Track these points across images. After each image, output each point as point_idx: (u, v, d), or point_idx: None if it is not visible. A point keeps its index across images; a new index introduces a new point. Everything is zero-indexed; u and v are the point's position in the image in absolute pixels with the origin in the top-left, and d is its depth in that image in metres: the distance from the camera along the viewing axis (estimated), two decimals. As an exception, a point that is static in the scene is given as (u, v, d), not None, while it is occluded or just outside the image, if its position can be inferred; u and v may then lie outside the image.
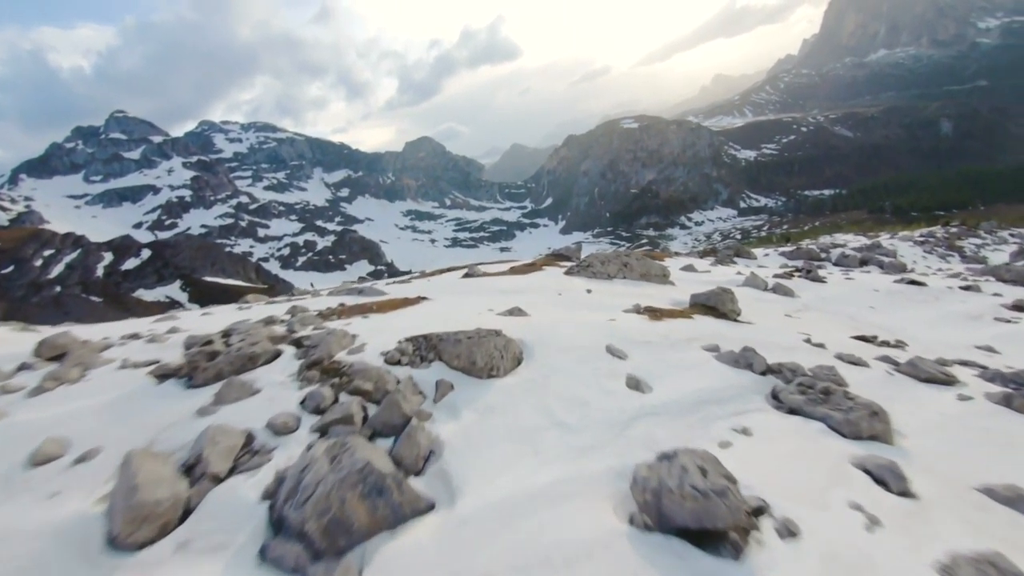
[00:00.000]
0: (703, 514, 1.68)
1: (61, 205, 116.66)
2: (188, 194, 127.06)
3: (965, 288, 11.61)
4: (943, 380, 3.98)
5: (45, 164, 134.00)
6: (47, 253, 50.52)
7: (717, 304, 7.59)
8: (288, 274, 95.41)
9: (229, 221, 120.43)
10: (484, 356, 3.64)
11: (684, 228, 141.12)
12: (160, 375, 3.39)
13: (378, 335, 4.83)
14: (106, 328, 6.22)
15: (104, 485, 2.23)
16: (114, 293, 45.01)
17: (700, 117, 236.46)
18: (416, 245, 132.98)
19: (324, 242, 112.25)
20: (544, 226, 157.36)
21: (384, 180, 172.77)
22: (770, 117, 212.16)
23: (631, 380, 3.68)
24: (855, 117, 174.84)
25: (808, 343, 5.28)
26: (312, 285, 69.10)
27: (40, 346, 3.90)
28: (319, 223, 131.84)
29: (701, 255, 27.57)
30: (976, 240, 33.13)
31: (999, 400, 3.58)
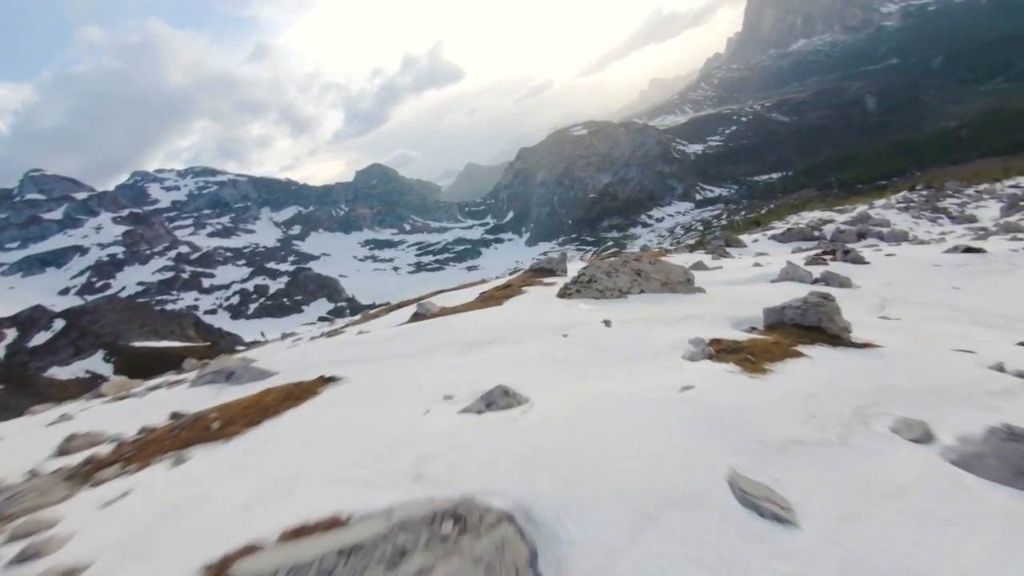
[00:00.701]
0: None
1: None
2: (120, 251, 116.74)
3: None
4: None
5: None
6: (-63, 339, 42.77)
7: (820, 321, 4.88)
8: (239, 324, 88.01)
9: (169, 275, 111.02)
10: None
11: (646, 226, 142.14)
12: None
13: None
14: None
15: None
16: (19, 375, 38.12)
17: (644, 119, 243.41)
18: (378, 275, 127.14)
19: (277, 285, 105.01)
20: (509, 240, 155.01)
21: (337, 212, 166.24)
22: (710, 112, 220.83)
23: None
24: (788, 103, 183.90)
25: (1001, 371, 3.24)
26: (263, 335, 62.77)
27: None
28: (270, 265, 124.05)
29: (691, 249, 24.88)
30: (954, 200, 32.42)
31: None
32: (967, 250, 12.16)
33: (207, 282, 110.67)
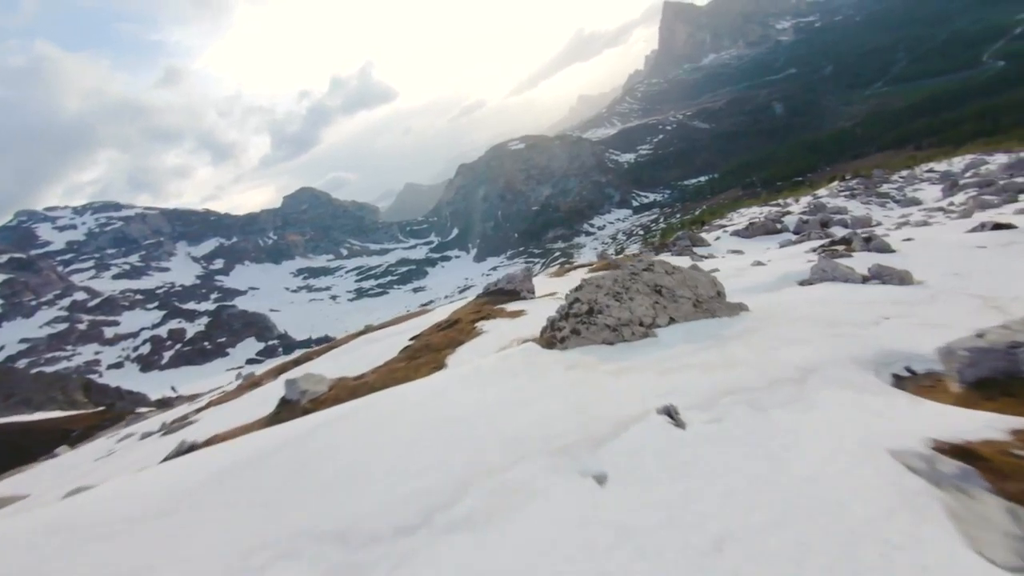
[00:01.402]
0: None
1: None
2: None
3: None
4: None
5: None
6: None
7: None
8: (150, 378, 76.73)
9: (61, 327, 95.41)
10: None
11: (589, 234, 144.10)
12: None
13: None
14: None
15: None
16: None
17: (576, 132, 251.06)
18: (314, 306, 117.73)
19: (195, 327, 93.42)
20: (456, 257, 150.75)
21: (264, 242, 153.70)
22: (637, 123, 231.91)
23: None
24: (706, 111, 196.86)
25: None
26: (173, 389, 53.88)
27: None
28: (188, 305, 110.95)
29: (655, 250, 22.68)
30: (890, 185, 33.25)
31: None
32: (996, 227, 10.37)
33: (110, 331, 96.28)
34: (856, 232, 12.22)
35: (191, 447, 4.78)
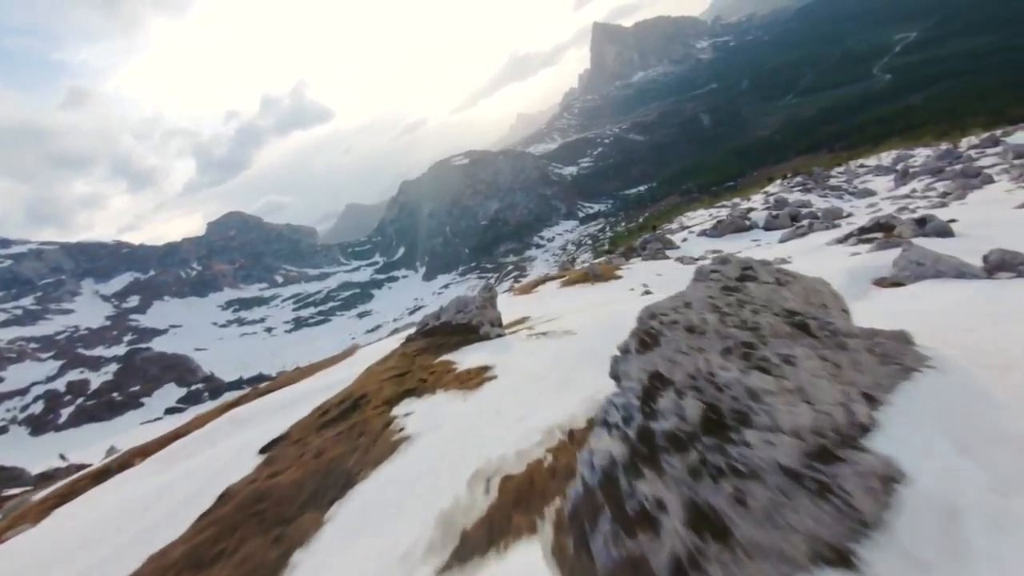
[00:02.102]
0: None
1: None
2: None
3: None
4: None
5: None
6: None
7: None
8: (40, 443, 64.99)
9: (-77, 390, 79.31)
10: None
11: (540, 247, 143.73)
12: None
13: None
14: None
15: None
16: None
17: (519, 147, 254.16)
18: (247, 341, 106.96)
19: (102, 376, 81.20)
20: (404, 277, 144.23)
21: (187, 273, 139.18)
22: (576, 137, 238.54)
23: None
24: (640, 124, 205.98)
25: None
26: (63, 458, 44.88)
27: None
28: (94, 351, 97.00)
29: (624, 256, 20.42)
30: (835, 180, 33.65)
31: None
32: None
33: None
34: (897, 216, 10.19)
35: None
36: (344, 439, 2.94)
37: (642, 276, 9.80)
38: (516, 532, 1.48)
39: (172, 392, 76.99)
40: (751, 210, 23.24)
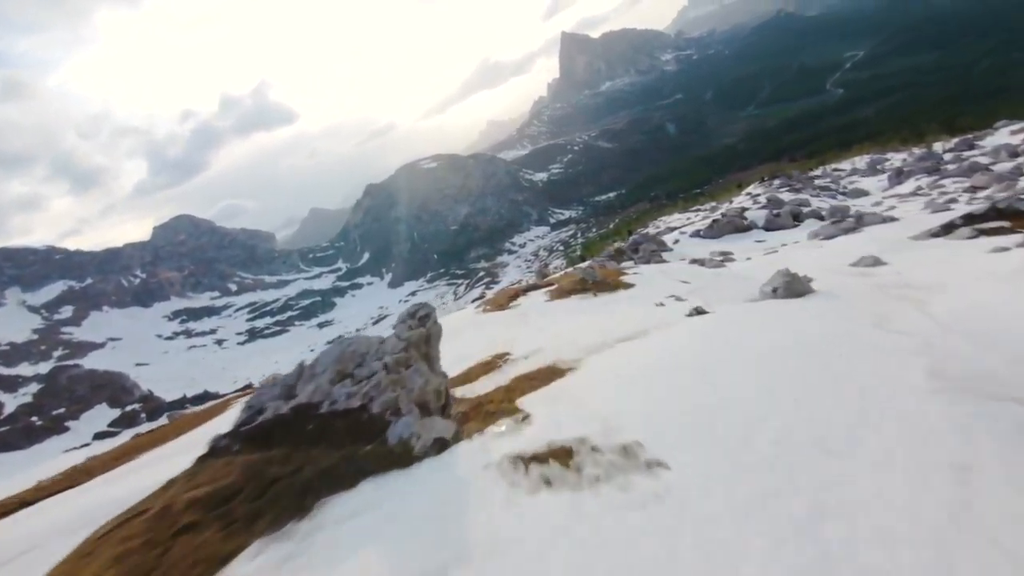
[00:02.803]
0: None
1: None
2: None
3: None
4: None
5: None
6: None
7: None
8: (-68, 477, 55.84)
9: None
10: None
11: (511, 252, 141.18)
12: None
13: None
14: None
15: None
16: None
17: (489, 153, 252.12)
18: (195, 355, 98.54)
19: (21, 398, 72.10)
20: (369, 284, 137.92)
21: (129, 281, 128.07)
22: (547, 143, 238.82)
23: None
24: (609, 132, 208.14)
25: None
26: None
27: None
28: (15, 370, 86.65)
29: (615, 259, 17.59)
30: (821, 180, 32.33)
31: None
32: None
33: None
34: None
35: None
36: None
37: (661, 282, 6.99)
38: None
39: (104, 414, 68.95)
40: (745, 210, 20.99)
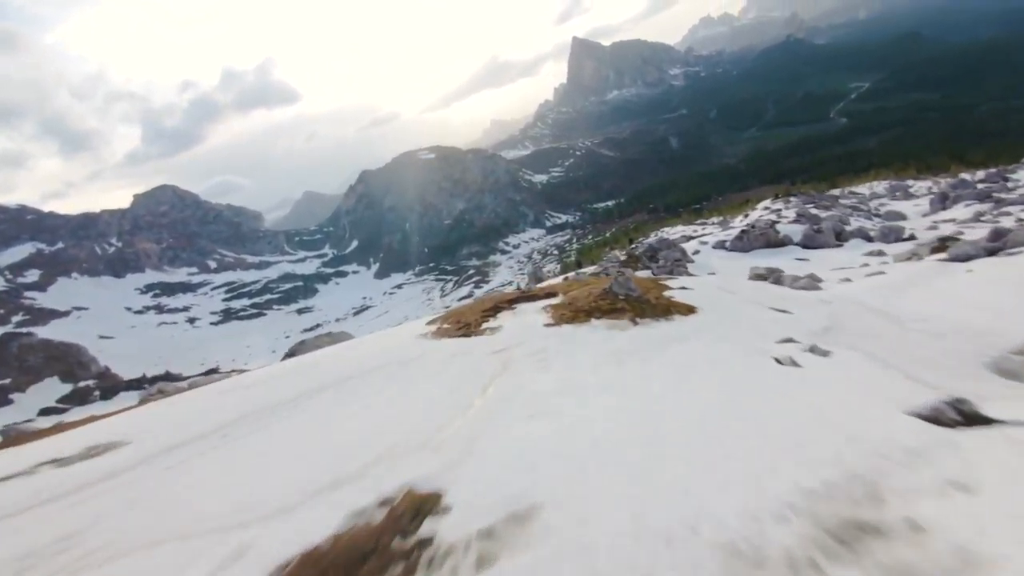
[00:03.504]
0: None
1: None
2: None
3: None
4: None
5: None
6: None
7: None
8: None
9: None
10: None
11: (504, 253, 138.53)
12: None
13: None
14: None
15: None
16: None
17: (491, 151, 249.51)
18: (164, 332, 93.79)
19: (-35, 364, 67.12)
20: (354, 273, 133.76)
21: (104, 249, 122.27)
22: (549, 146, 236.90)
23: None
24: (612, 140, 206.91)
25: None
26: None
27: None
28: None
29: (630, 266, 14.97)
30: (845, 202, 30.24)
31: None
32: None
33: None
34: None
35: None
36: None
37: (737, 308, 4.31)
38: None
39: (54, 388, 64.53)
40: (774, 223, 18.53)
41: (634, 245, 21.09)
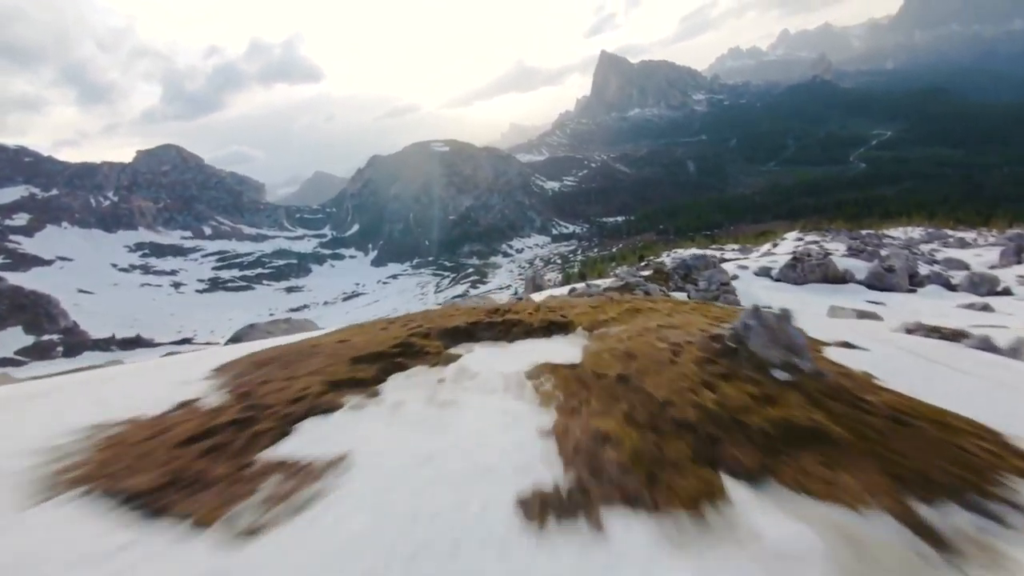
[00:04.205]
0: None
1: None
2: None
3: None
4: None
5: None
6: None
7: None
8: None
9: None
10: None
11: (506, 256, 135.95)
12: None
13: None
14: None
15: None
16: None
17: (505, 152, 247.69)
18: (146, 293, 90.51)
19: (-72, 302, 63.72)
20: (351, 257, 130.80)
21: (99, 201, 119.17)
22: (564, 155, 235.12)
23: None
24: (628, 157, 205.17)
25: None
26: None
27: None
28: (-62, 268, 78.01)
29: (655, 281, 12.12)
30: (894, 243, 27.61)
31: None
32: None
33: None
34: None
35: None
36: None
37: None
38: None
39: (16, 339, 61.14)
40: (829, 254, 15.75)
41: (683, 257, 18.26)
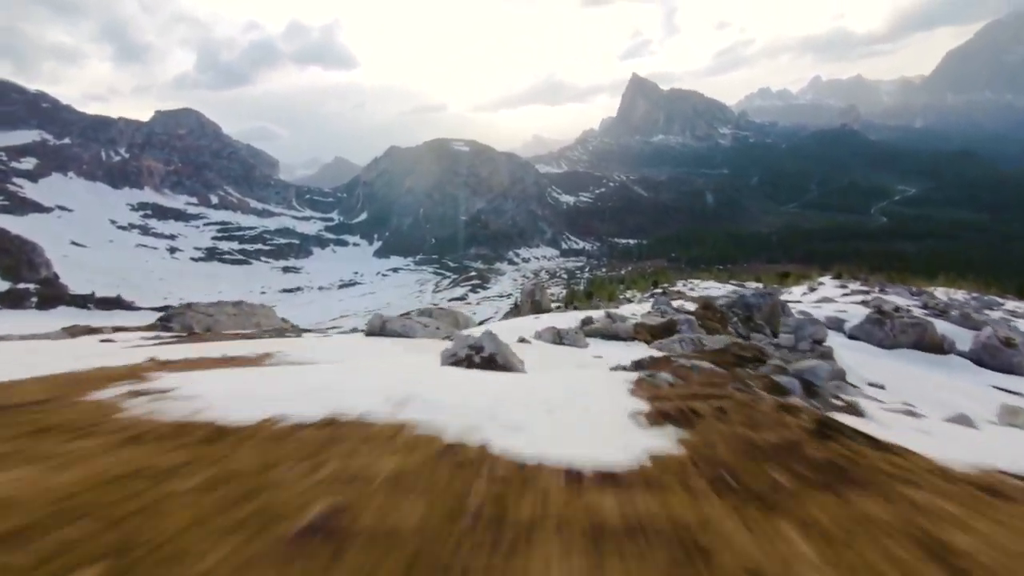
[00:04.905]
0: None
1: None
2: None
3: None
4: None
5: None
6: None
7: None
8: None
9: None
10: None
11: (512, 263, 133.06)
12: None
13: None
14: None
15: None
16: None
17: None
18: (140, 254, 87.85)
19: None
20: (355, 245, 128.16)
21: (110, 156, 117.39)
22: (584, 171, 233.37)
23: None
24: (648, 180, 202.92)
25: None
26: None
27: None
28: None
29: (716, 326, 9.03)
30: (945, 301, 24.55)
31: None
32: None
33: None
34: None
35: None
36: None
37: None
38: None
39: (-8, 282, 58.21)
40: (918, 314, 12.56)
41: (746, 296, 15.14)
